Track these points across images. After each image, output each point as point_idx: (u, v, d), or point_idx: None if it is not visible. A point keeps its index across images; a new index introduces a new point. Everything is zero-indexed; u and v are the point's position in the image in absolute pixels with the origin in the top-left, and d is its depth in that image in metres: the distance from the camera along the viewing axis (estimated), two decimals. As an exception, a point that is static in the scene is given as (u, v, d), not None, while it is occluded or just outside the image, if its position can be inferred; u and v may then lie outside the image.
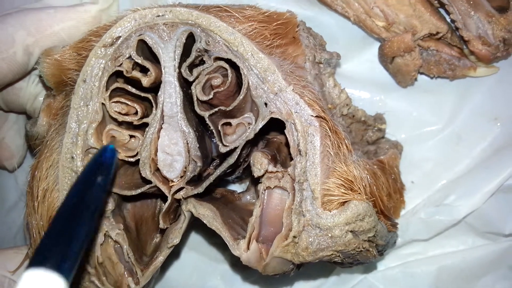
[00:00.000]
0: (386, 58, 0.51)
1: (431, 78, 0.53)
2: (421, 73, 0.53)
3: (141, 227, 0.45)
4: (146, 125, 0.40)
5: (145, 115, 0.40)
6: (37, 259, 0.26)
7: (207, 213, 0.39)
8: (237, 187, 0.55)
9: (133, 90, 0.39)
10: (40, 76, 0.44)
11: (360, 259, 0.41)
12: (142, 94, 0.39)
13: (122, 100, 0.39)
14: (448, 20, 0.50)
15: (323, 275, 0.55)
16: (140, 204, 0.46)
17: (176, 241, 0.41)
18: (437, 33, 0.49)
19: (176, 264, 0.57)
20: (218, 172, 0.39)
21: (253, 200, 0.47)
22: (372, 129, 0.52)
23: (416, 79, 0.53)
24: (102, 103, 0.39)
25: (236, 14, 0.39)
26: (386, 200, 0.45)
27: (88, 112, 0.39)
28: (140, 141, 0.40)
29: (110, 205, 0.41)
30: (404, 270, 0.53)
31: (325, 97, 0.47)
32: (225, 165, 0.39)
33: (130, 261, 0.41)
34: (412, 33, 0.49)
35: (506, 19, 0.48)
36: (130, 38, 0.38)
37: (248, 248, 0.38)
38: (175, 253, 0.57)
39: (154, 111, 0.39)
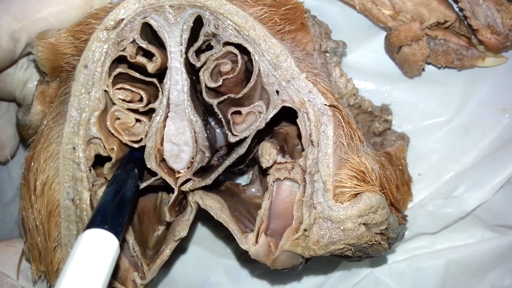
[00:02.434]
0: (393, 48, 0.50)
1: (439, 68, 0.52)
2: (428, 63, 0.52)
3: (143, 220, 0.44)
4: (152, 111, 0.38)
5: (150, 101, 0.38)
6: (96, 222, 0.31)
7: (214, 205, 0.38)
8: (240, 180, 0.54)
9: (137, 75, 0.37)
10: (34, 61, 0.41)
11: (371, 253, 0.40)
12: (147, 79, 0.37)
13: (126, 86, 0.37)
14: (456, 8, 0.49)
15: (330, 269, 0.54)
16: (142, 197, 0.45)
17: (184, 233, 0.40)
18: (445, 21, 0.48)
19: (179, 259, 0.56)
20: (227, 163, 0.38)
21: (258, 193, 0.46)
22: (378, 120, 0.51)
23: (423, 69, 0.52)
24: (105, 90, 0.37)
25: None
26: (395, 192, 0.44)
27: (90, 99, 0.37)
28: (146, 126, 0.38)
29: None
30: (411, 264, 0.52)
31: (331, 87, 0.46)
32: (234, 155, 0.37)
33: (136, 255, 0.40)
34: (419, 21, 0.47)
35: (515, 7, 0.47)
36: (134, 21, 0.36)
37: (256, 241, 0.37)
38: (179, 247, 0.56)
39: (160, 97, 0.37)
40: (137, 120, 0.38)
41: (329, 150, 0.35)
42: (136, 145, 0.38)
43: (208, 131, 0.39)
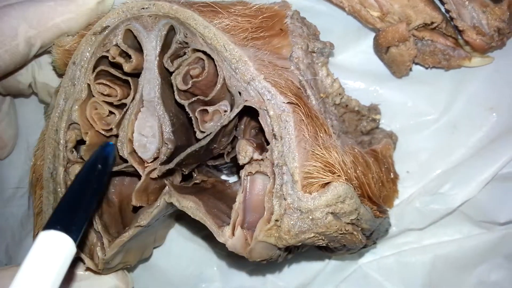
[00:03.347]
0: (381, 48, 0.51)
1: (426, 68, 0.53)
2: (416, 64, 0.53)
3: (128, 206, 0.47)
4: (124, 105, 0.43)
5: (125, 97, 0.44)
6: (50, 223, 0.32)
7: (190, 205, 0.41)
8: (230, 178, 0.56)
9: (115, 72, 0.42)
10: (52, 64, 0.47)
11: (346, 243, 0.41)
12: (123, 77, 0.42)
13: (105, 82, 0.43)
14: (443, 10, 0.50)
15: (318, 265, 0.55)
16: (128, 183, 0.48)
17: (144, 222, 0.42)
18: (432, 23, 0.49)
19: (172, 255, 0.58)
20: (189, 150, 0.41)
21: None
22: (366, 119, 0.52)
23: (411, 69, 0.53)
24: (88, 84, 0.42)
25: (220, 10, 0.41)
26: (375, 187, 0.45)
27: (74, 91, 0.43)
28: (117, 118, 0.43)
29: None
30: (399, 259, 0.53)
31: (317, 86, 0.47)
32: (197, 145, 0.41)
33: (97, 229, 0.43)
34: (406, 23, 0.49)
35: (500, 9, 0.48)
36: (118, 28, 0.42)
37: (233, 234, 0.38)
38: (173, 242, 0.58)
39: (132, 94, 0.43)
40: (111, 112, 0.44)
41: (292, 144, 0.37)
42: (107, 134, 0.43)
43: (174, 126, 0.43)
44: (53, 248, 0.31)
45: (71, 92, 0.43)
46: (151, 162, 0.42)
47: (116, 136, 0.44)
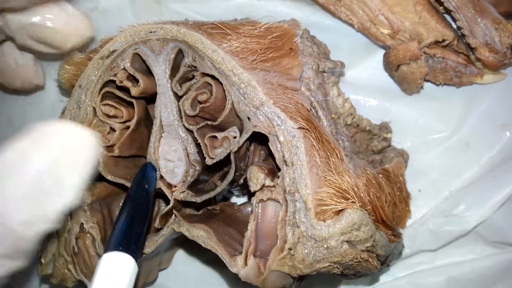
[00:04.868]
0: (391, 66, 0.50)
1: (437, 85, 0.53)
2: (427, 80, 0.52)
3: None
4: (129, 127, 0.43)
5: (130, 119, 0.43)
6: (112, 245, 0.34)
7: (201, 234, 0.40)
8: (240, 199, 0.54)
9: (120, 94, 0.42)
10: (58, 80, 0.47)
11: (361, 270, 0.40)
12: (127, 98, 0.42)
13: (111, 103, 0.43)
14: (454, 26, 0.49)
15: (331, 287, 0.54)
16: None
17: (148, 250, 0.42)
18: (443, 40, 0.48)
19: (179, 277, 0.57)
20: (219, 189, 0.39)
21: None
22: (377, 138, 0.51)
23: (422, 87, 0.52)
24: (93, 107, 0.42)
25: (229, 31, 0.40)
26: (389, 209, 0.44)
27: (79, 113, 0.43)
28: (115, 135, 0.43)
29: (89, 199, 0.44)
30: (411, 281, 0.52)
31: (328, 107, 0.46)
32: (225, 182, 0.39)
33: (100, 253, 0.43)
34: (418, 41, 0.48)
35: (513, 26, 0.47)
36: (126, 52, 0.41)
37: (245, 264, 0.37)
38: (180, 263, 0.57)
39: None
40: (112, 129, 0.44)
41: (304, 170, 0.36)
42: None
43: (199, 147, 0.42)
44: (119, 269, 0.32)
45: (76, 114, 0.43)
46: (180, 186, 0.42)
47: (124, 157, 0.43)
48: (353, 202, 0.37)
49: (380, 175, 0.47)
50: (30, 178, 0.29)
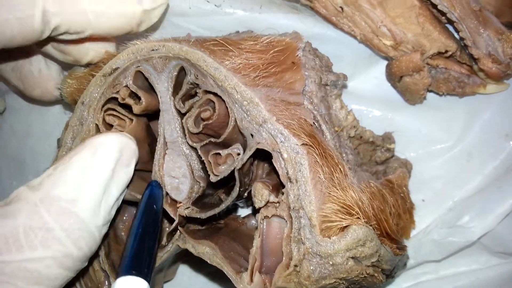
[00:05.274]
0: (394, 77, 0.50)
1: (440, 95, 0.52)
2: (430, 91, 0.52)
3: None
4: None
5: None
6: (125, 269, 0.34)
7: (206, 251, 0.40)
8: (244, 210, 0.54)
9: (121, 110, 0.42)
10: (60, 95, 0.47)
11: (367, 285, 0.40)
12: (129, 116, 0.42)
13: (115, 113, 0.43)
14: (457, 37, 0.49)
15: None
16: None
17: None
18: (446, 51, 0.48)
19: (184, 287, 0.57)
20: (224, 206, 0.39)
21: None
22: (380, 149, 0.51)
23: (425, 98, 0.52)
24: (96, 124, 0.42)
25: (231, 47, 0.40)
26: (393, 221, 0.44)
27: (82, 130, 0.43)
28: None
29: None
30: (416, 292, 0.52)
31: (331, 119, 0.46)
32: (229, 199, 0.39)
33: (105, 268, 0.42)
34: (420, 52, 0.48)
35: (516, 36, 0.47)
36: (128, 69, 0.41)
37: (251, 280, 0.37)
38: (184, 275, 0.57)
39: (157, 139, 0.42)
40: None
41: (308, 187, 0.36)
42: None
43: (203, 163, 0.41)
44: None
45: (78, 131, 0.43)
46: (185, 202, 0.42)
47: None
48: (358, 217, 0.37)
49: (384, 187, 0.47)
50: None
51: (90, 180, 0.34)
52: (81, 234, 0.33)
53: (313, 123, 0.41)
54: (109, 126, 0.43)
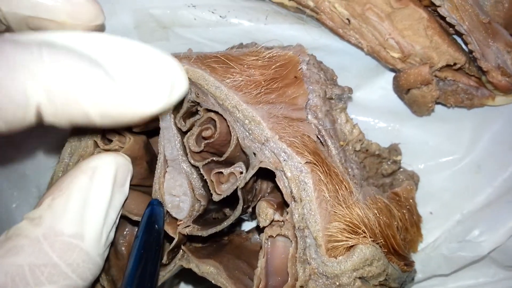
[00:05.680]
0: (402, 90, 0.50)
1: (448, 107, 0.52)
2: (438, 102, 0.52)
3: None
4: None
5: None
6: None
7: (210, 270, 0.39)
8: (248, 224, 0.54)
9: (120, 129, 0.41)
10: None
11: None
12: (127, 135, 0.41)
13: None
14: (466, 49, 0.49)
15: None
16: None
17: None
18: (455, 64, 0.48)
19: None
20: (226, 224, 0.39)
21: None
22: (387, 161, 0.50)
23: (433, 110, 0.51)
24: (95, 140, 0.41)
25: (232, 64, 0.39)
26: (400, 237, 0.44)
27: (80, 146, 0.42)
28: None
29: None
30: (424, 305, 0.52)
31: (337, 134, 0.45)
32: (232, 218, 0.39)
33: (103, 285, 0.42)
34: (429, 65, 0.47)
35: (526, 48, 0.46)
36: None
37: None
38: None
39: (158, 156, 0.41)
40: None
41: (313, 206, 0.36)
42: None
43: (204, 181, 0.41)
44: None
45: (77, 147, 0.42)
46: (185, 221, 0.41)
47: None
48: (364, 236, 0.36)
49: (390, 200, 0.47)
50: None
51: (91, 210, 0.34)
52: (86, 266, 0.33)
53: (318, 137, 0.41)
54: (108, 141, 0.42)
